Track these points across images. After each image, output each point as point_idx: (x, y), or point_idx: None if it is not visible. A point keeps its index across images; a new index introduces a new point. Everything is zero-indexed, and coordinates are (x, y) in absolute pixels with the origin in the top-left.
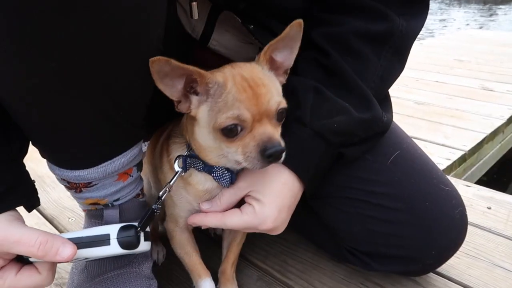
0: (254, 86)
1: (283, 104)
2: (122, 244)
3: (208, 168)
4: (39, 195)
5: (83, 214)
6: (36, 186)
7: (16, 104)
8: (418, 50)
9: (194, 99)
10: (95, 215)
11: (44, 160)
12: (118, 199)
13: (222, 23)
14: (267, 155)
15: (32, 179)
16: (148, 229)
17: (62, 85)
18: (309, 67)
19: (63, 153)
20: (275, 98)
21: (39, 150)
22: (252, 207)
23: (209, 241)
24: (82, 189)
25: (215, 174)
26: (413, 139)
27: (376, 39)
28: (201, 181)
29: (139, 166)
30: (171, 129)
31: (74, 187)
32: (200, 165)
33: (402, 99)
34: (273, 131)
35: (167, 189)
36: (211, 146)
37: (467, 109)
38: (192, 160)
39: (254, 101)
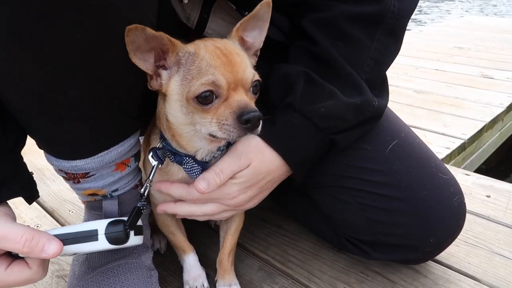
0: (227, 54)
1: (257, 77)
2: (111, 240)
3: (178, 159)
4: (39, 188)
5: (83, 206)
6: (36, 179)
7: (10, 93)
8: (418, 38)
9: (164, 73)
10: (95, 206)
11: (43, 153)
12: (116, 190)
13: (217, 11)
14: (244, 120)
15: (31, 171)
16: (140, 222)
17: (56, 73)
18: (299, 56)
19: (59, 143)
20: (250, 69)
21: (35, 141)
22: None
23: (210, 232)
24: (80, 179)
25: (186, 166)
26: (412, 128)
27: (368, 21)
28: (175, 170)
29: (137, 157)
30: (153, 121)
31: (72, 178)
32: (170, 157)
33: (402, 87)
34: (249, 100)
35: (148, 185)
36: (183, 122)
37: (467, 97)
38: (164, 151)
39: (229, 67)
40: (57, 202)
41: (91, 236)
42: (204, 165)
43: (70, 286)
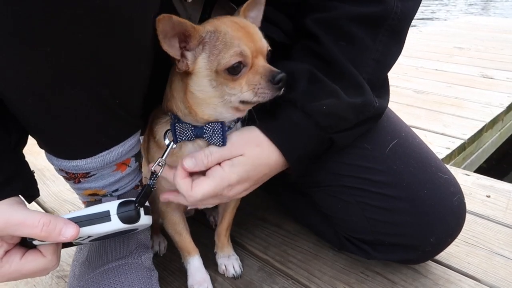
0: (245, 26)
1: (269, 46)
2: (123, 219)
3: (198, 130)
4: (39, 189)
5: (83, 206)
6: (36, 179)
7: (11, 93)
8: (418, 38)
9: (189, 54)
10: None
11: (43, 153)
12: (117, 190)
13: (218, 11)
14: (277, 81)
15: (32, 169)
16: (147, 203)
17: (57, 73)
18: (302, 56)
19: (60, 142)
20: (264, 38)
21: (36, 140)
22: (221, 169)
23: (210, 233)
24: (80, 179)
25: (207, 134)
26: (412, 128)
27: (371, 22)
28: (190, 151)
29: (138, 157)
30: (153, 115)
31: (72, 178)
32: (190, 130)
33: (402, 87)
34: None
35: (160, 163)
36: (212, 95)
37: (467, 97)
38: (182, 126)
39: (249, 37)
40: (57, 202)
41: (104, 217)
42: (223, 125)
43: (70, 286)
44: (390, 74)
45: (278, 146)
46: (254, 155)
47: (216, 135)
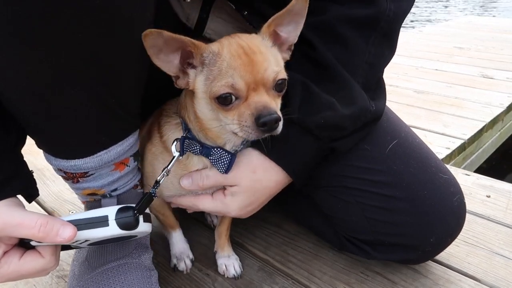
0: (250, 53)
1: (283, 75)
2: (121, 225)
3: (206, 151)
4: (39, 188)
5: (83, 206)
6: (36, 179)
7: (10, 92)
8: (418, 38)
9: (192, 72)
10: (94, 206)
11: (43, 152)
12: (115, 190)
13: (216, 10)
14: (261, 123)
15: (31, 169)
16: (147, 211)
17: (56, 73)
18: (297, 61)
19: (58, 142)
20: (273, 67)
21: (35, 140)
22: (223, 197)
23: (210, 233)
24: (79, 179)
25: (213, 157)
26: (412, 128)
27: (363, 24)
28: (195, 162)
29: (136, 156)
30: (162, 109)
31: (71, 177)
32: (197, 148)
33: (402, 87)
34: (269, 100)
35: (165, 173)
36: (210, 118)
37: (467, 97)
38: (190, 142)
39: (249, 68)
40: (57, 202)
41: (102, 222)
42: (233, 156)
43: (70, 286)
44: (390, 74)
45: (278, 163)
46: (249, 183)
47: (222, 162)
